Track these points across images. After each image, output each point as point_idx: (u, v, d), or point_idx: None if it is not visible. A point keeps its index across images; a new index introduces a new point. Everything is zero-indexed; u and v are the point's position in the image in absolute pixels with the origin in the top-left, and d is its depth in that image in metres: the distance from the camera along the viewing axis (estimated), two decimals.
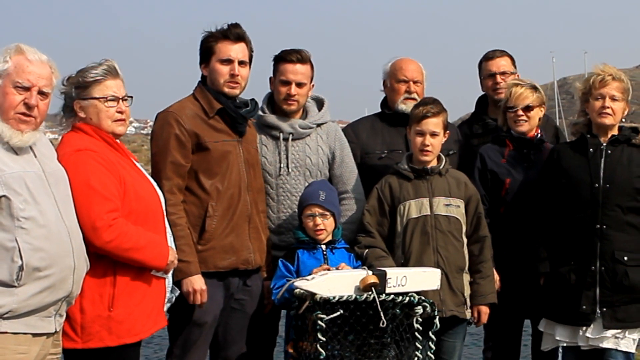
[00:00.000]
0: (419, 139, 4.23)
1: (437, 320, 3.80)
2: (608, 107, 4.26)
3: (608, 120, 4.28)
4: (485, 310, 4.32)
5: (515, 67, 5.09)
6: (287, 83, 4.36)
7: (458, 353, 4.34)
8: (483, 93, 5.17)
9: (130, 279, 3.57)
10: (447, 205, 4.27)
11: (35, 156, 3.30)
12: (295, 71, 4.36)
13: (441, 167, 4.30)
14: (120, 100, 3.67)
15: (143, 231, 3.60)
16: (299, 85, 4.37)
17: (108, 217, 3.47)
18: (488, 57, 5.08)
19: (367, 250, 4.19)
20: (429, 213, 4.23)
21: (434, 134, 4.23)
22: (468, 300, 4.29)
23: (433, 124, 4.22)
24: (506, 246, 4.51)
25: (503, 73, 4.99)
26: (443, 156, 4.36)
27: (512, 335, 4.74)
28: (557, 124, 5.90)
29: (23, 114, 3.21)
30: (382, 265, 4.04)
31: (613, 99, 4.27)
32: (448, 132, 4.36)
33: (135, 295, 3.57)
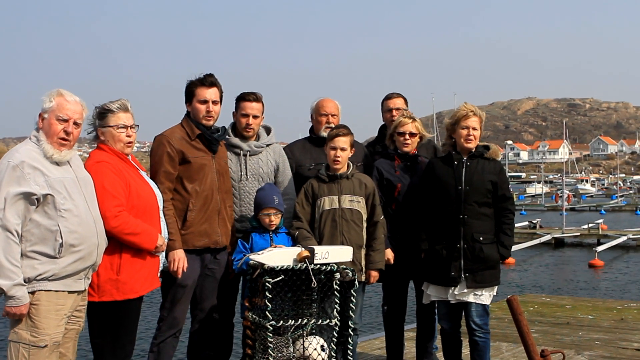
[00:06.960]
0: (332, 152, 4.55)
1: (357, 282, 4.02)
2: (471, 135, 4.64)
3: (472, 145, 4.66)
4: (375, 274, 4.65)
5: (407, 105, 5.39)
6: (246, 116, 4.63)
7: (360, 304, 4.65)
8: (383, 123, 5.42)
9: (132, 254, 3.81)
10: (351, 200, 4.54)
11: (71, 166, 3.60)
12: (252, 107, 4.64)
13: (348, 172, 4.58)
14: (129, 128, 3.93)
15: (140, 222, 3.81)
16: (255, 117, 4.65)
17: (115, 210, 3.72)
18: (388, 97, 5.37)
19: (297, 231, 4.46)
20: (337, 206, 4.52)
21: (343, 149, 4.54)
22: (364, 268, 4.62)
23: (342, 141, 4.53)
24: (397, 232, 4.86)
25: (398, 109, 5.27)
26: (351, 164, 4.65)
27: (401, 293, 5.13)
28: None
29: (63, 138, 3.53)
30: (307, 242, 4.33)
31: (474, 129, 4.65)
32: (354, 148, 4.68)
33: (136, 265, 3.83)
